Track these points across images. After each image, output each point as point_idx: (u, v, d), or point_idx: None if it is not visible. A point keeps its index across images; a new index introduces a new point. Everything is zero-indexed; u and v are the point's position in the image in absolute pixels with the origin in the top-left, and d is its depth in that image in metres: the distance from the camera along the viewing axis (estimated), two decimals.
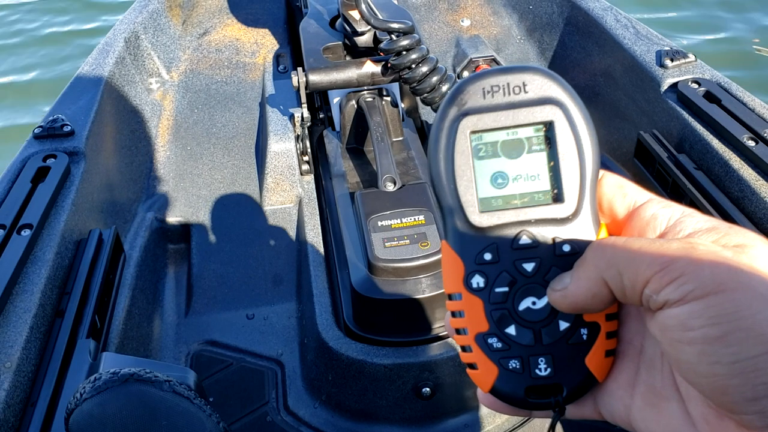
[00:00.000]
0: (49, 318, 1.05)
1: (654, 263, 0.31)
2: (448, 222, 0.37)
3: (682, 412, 0.34)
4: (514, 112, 0.36)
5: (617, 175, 0.39)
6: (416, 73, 1.37)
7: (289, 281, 1.46)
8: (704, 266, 0.30)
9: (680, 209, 0.36)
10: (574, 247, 0.36)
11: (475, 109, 0.37)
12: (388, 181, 1.27)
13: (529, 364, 0.37)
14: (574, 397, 0.37)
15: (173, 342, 1.37)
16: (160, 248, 1.53)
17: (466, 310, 0.37)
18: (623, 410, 0.37)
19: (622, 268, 0.33)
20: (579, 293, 0.35)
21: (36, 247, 1.12)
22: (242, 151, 1.72)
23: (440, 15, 2.16)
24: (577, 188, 0.36)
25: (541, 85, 0.37)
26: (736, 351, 0.29)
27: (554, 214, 0.37)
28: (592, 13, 1.76)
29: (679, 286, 0.30)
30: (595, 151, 0.37)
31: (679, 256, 0.31)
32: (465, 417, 1.21)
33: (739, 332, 0.29)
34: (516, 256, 0.37)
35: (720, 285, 0.30)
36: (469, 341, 0.37)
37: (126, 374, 0.76)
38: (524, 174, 0.37)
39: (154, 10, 1.97)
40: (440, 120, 0.37)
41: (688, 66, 1.46)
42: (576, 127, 0.36)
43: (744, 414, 0.30)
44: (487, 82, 0.37)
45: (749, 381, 0.29)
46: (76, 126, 1.40)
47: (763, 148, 1.20)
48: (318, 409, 1.24)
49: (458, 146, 0.37)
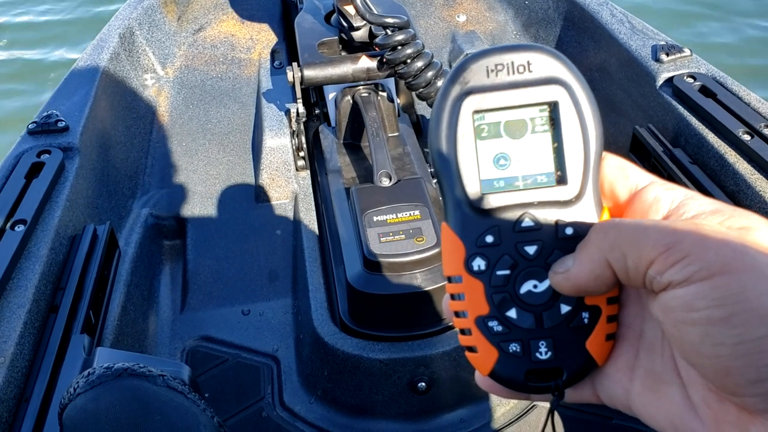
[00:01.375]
0: (43, 313, 1.04)
1: (658, 244, 0.31)
2: (449, 204, 0.37)
3: (683, 396, 0.34)
4: (518, 92, 0.36)
5: (619, 157, 0.38)
6: (411, 68, 1.36)
7: (284, 277, 1.46)
8: (710, 247, 0.30)
9: (683, 192, 0.35)
10: (576, 230, 0.36)
11: (479, 87, 0.36)
12: (383, 176, 1.27)
13: (529, 347, 0.36)
14: (573, 380, 0.37)
15: (168, 338, 1.36)
16: (156, 244, 1.53)
17: (466, 292, 0.37)
18: (622, 394, 0.37)
19: (626, 249, 0.32)
20: (582, 275, 0.34)
21: (30, 242, 1.11)
22: (238, 147, 1.72)
23: (436, 10, 2.15)
24: (581, 170, 0.36)
25: (546, 65, 0.36)
26: (741, 332, 0.29)
27: (557, 197, 0.36)
28: (587, 8, 1.76)
29: (684, 266, 0.30)
30: (600, 133, 0.36)
31: (684, 237, 0.30)
32: (461, 411, 1.21)
33: (743, 313, 0.29)
34: (518, 239, 0.36)
35: (725, 266, 0.29)
36: (468, 324, 0.37)
37: (120, 369, 0.75)
38: (527, 155, 0.36)
39: (149, 5, 1.97)
40: (442, 98, 0.36)
41: (684, 60, 1.46)
42: (581, 108, 0.36)
43: (746, 396, 0.30)
44: (491, 61, 0.36)
45: (753, 363, 0.29)
46: (71, 122, 1.39)
47: (758, 142, 1.20)
48: (314, 404, 1.24)
49: (461, 126, 0.36)
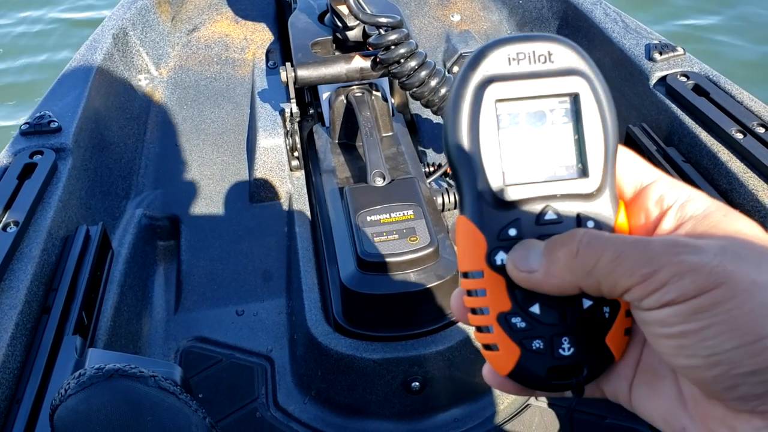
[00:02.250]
0: (35, 315, 1.04)
1: (635, 275, 0.31)
2: (468, 196, 0.36)
3: (676, 390, 0.34)
4: (540, 81, 0.35)
5: (626, 149, 0.38)
6: (405, 68, 1.36)
7: (278, 277, 1.45)
8: (685, 275, 0.30)
9: (687, 191, 0.35)
10: (598, 224, 0.35)
11: (501, 76, 0.35)
12: (376, 176, 1.27)
13: (552, 343, 0.36)
14: (593, 376, 0.36)
15: (162, 339, 1.36)
16: (149, 245, 1.53)
17: (488, 288, 0.36)
18: (626, 389, 0.37)
19: (600, 278, 0.32)
20: (544, 285, 0.34)
21: (22, 243, 1.11)
22: (232, 147, 1.72)
23: (430, 10, 2.15)
24: (602, 163, 0.35)
25: (567, 56, 0.35)
26: (712, 345, 0.30)
27: (579, 189, 0.35)
28: (581, 7, 1.76)
29: (662, 295, 0.30)
30: (617, 126, 0.36)
31: (661, 266, 0.30)
32: (455, 411, 1.21)
33: (713, 327, 0.30)
34: (541, 232, 0.35)
35: (700, 289, 0.30)
36: (489, 321, 0.36)
37: (111, 370, 0.75)
38: (549, 147, 0.36)
39: (142, 6, 1.96)
40: (461, 85, 0.35)
41: (677, 59, 1.46)
42: (601, 100, 0.35)
43: (726, 400, 0.31)
44: (513, 49, 0.35)
45: (726, 372, 0.30)
46: (64, 122, 1.39)
47: (750, 141, 1.21)
48: (308, 404, 1.24)
49: (483, 115, 0.35)
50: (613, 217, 0.36)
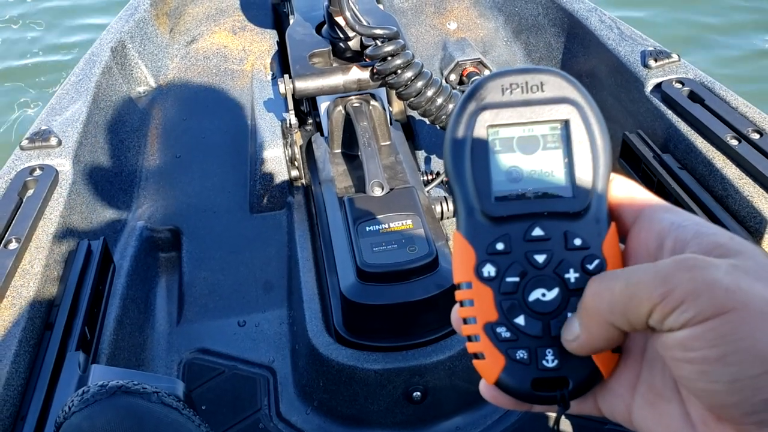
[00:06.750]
0: (38, 331, 1.05)
1: (652, 296, 0.32)
2: (462, 212, 0.38)
3: (682, 413, 0.35)
4: (531, 109, 0.38)
5: (627, 179, 0.39)
6: (401, 79, 1.37)
7: (279, 287, 1.46)
8: (701, 292, 0.31)
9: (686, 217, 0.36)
10: (584, 241, 0.37)
11: (494, 104, 0.38)
12: (375, 185, 1.28)
13: (536, 354, 0.37)
14: (579, 392, 0.37)
15: (165, 351, 1.37)
16: (151, 257, 1.54)
17: (475, 299, 0.38)
18: (624, 408, 0.37)
19: (623, 309, 0.33)
20: (593, 342, 0.35)
21: (24, 260, 1.12)
22: (231, 159, 1.73)
23: (427, 18, 2.17)
24: (589, 185, 0.38)
25: (558, 86, 0.38)
26: (735, 371, 0.30)
27: (567, 208, 0.37)
28: (576, 14, 1.77)
29: (681, 314, 0.31)
30: (608, 151, 0.38)
31: (676, 285, 0.31)
32: (456, 420, 1.21)
33: (737, 353, 0.30)
34: (528, 248, 0.37)
35: (718, 309, 0.30)
36: (477, 330, 0.38)
37: (114, 386, 0.76)
38: (539, 169, 0.38)
39: (140, 18, 1.97)
40: (459, 113, 0.38)
41: (672, 66, 1.47)
42: (591, 126, 0.38)
43: (743, 424, 0.31)
44: (507, 80, 0.38)
45: (748, 399, 0.30)
46: (64, 137, 1.40)
47: (745, 147, 1.22)
48: (310, 415, 1.25)
49: (476, 139, 0.38)
50: (601, 236, 0.37)
